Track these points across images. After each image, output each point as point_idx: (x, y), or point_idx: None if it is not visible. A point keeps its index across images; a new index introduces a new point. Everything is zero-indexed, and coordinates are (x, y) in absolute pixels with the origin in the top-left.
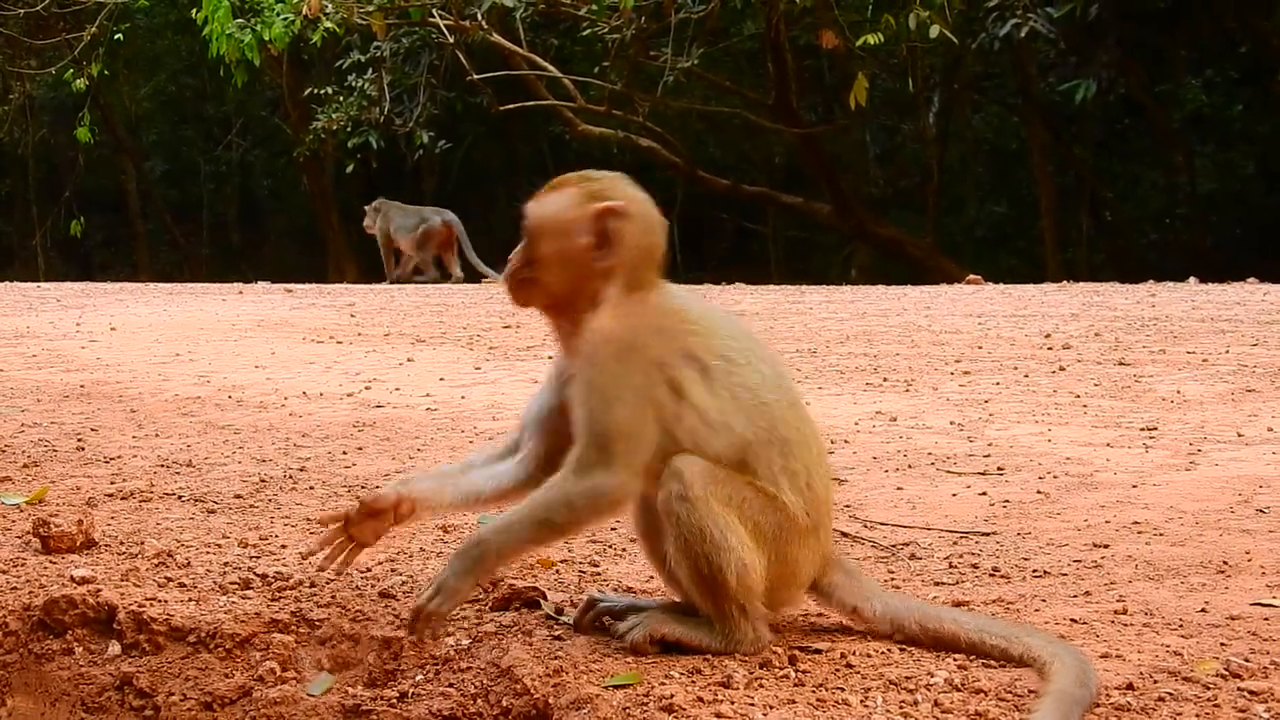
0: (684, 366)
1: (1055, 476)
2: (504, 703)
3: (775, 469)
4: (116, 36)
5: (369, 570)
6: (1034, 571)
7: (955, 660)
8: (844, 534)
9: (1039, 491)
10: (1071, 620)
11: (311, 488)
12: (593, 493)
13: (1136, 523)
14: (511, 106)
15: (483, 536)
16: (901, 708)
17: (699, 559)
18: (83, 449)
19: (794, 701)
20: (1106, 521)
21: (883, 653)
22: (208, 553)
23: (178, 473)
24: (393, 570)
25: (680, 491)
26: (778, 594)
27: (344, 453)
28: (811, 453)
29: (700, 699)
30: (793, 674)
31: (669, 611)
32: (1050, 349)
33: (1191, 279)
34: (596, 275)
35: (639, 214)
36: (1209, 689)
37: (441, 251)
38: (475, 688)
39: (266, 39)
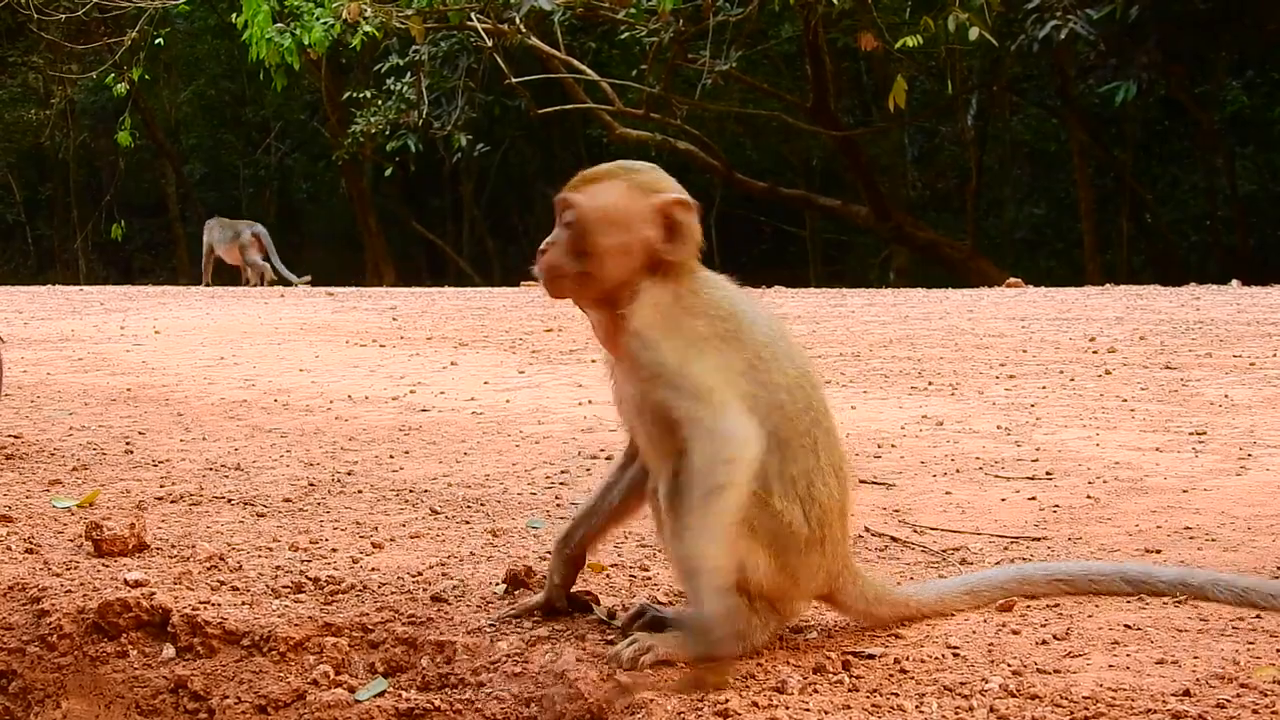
0: (725, 348)
1: (1105, 481)
2: (558, 707)
3: (769, 473)
4: (157, 41)
5: (420, 574)
6: None
7: (1010, 666)
8: (893, 538)
9: (1089, 496)
10: (1126, 626)
11: (360, 491)
12: (731, 443)
13: (1188, 528)
14: (550, 110)
15: (677, 554)
16: (957, 714)
17: None
18: (131, 452)
19: (849, 707)
20: (1158, 526)
21: (937, 658)
22: (259, 556)
23: (226, 476)
24: (444, 574)
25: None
26: (774, 603)
27: (391, 456)
28: (817, 460)
29: (755, 704)
30: (847, 680)
31: (668, 626)
32: (1095, 352)
33: (1234, 282)
34: (650, 266)
35: (693, 206)
36: (1266, 695)
37: (261, 255)
38: (529, 691)
39: (306, 43)
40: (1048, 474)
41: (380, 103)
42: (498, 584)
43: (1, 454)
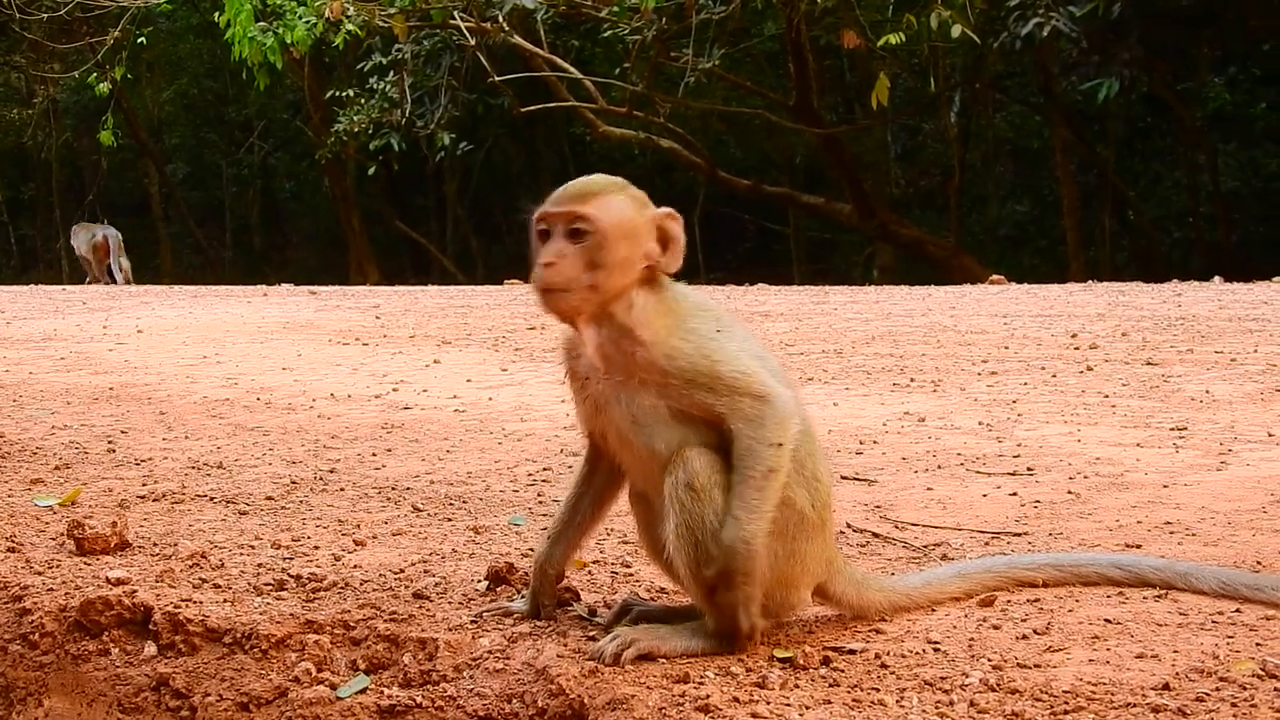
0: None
1: (1086, 477)
2: (539, 703)
3: None
4: (139, 40)
5: (402, 571)
6: None
7: (990, 661)
8: (875, 534)
9: (1070, 492)
10: (1106, 620)
11: (342, 489)
12: (780, 427)
13: (1169, 523)
14: (533, 108)
15: (725, 542)
16: (937, 708)
17: (698, 549)
18: (113, 451)
19: (829, 702)
20: (1138, 522)
21: (917, 653)
22: (241, 554)
23: (208, 474)
24: (426, 571)
25: (686, 480)
26: (784, 594)
27: (373, 454)
28: (814, 444)
29: (736, 699)
30: (828, 674)
31: (652, 620)
32: (1077, 349)
33: (1216, 278)
34: (641, 278)
35: (680, 219)
36: (1245, 689)
37: (107, 259)
38: (511, 688)
39: (288, 42)
40: (1029, 470)
41: (363, 101)
42: (480, 581)
43: None
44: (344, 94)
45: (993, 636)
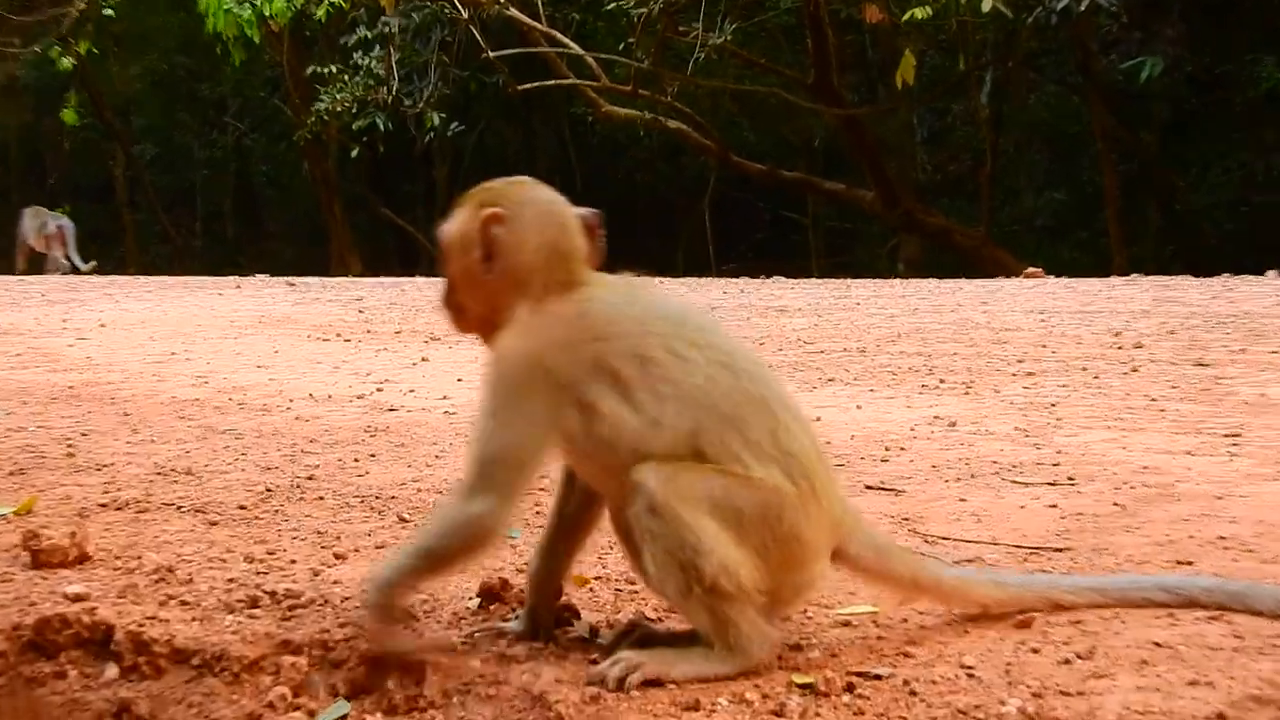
0: (592, 382)
1: (1132, 487)
2: None
3: (734, 447)
4: (105, 12)
5: None
6: None
7: (1029, 688)
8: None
9: (1115, 503)
10: (1155, 644)
11: (321, 498)
12: (467, 522)
13: (1222, 537)
14: (530, 86)
15: (375, 574)
16: None
17: (684, 569)
18: (73, 455)
19: None
20: (1190, 536)
21: (950, 679)
22: (211, 568)
23: (176, 481)
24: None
25: (646, 505)
26: (792, 577)
27: (355, 460)
28: (774, 416)
29: None
30: (852, 702)
31: (658, 643)
32: (1121, 348)
33: (1270, 272)
34: (501, 290)
35: (528, 217)
36: None
37: (61, 249)
38: (505, 716)
39: (267, 14)
40: (1070, 479)
41: (347, 79)
42: (471, 598)
43: None
44: (326, 70)
45: (1032, 661)
